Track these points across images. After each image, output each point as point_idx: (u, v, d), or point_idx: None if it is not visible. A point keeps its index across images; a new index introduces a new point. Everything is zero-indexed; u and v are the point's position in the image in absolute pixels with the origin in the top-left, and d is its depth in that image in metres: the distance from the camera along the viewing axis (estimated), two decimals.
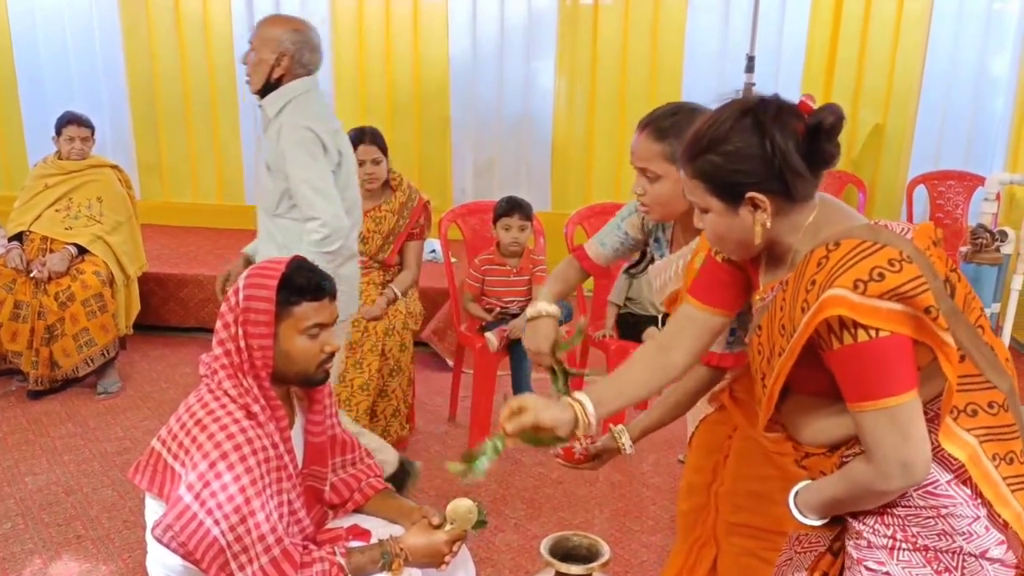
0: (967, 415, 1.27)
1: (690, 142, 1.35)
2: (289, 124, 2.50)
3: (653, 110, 1.85)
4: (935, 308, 1.18)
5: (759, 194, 1.29)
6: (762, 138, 1.27)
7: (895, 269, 1.18)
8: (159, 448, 1.71)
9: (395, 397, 3.35)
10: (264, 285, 1.68)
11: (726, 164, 1.30)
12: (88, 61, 5.91)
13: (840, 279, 1.19)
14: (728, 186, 1.31)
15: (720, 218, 1.35)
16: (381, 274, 3.51)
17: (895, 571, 1.29)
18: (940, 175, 5.13)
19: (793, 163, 1.27)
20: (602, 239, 2.14)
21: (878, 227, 1.27)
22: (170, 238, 5.49)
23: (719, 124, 1.31)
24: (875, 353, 1.19)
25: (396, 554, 1.75)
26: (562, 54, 5.50)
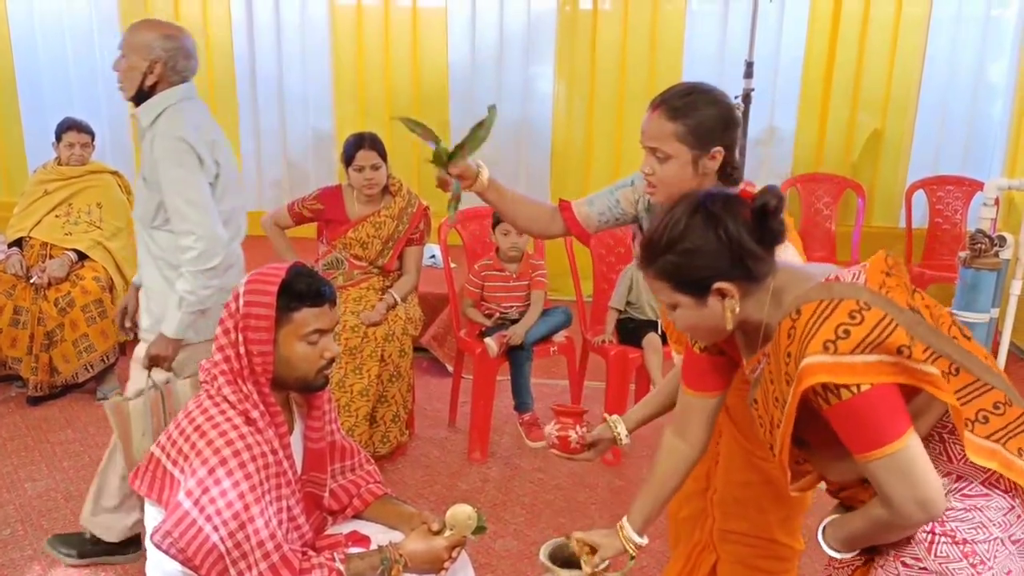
0: (980, 423, 1.32)
1: (647, 246, 1.41)
2: (162, 134, 2.42)
3: (666, 89, 1.83)
4: (906, 347, 1.23)
5: (724, 283, 1.35)
6: (715, 231, 1.34)
7: (857, 321, 1.24)
8: (159, 454, 1.71)
9: (395, 402, 3.35)
10: (264, 291, 1.69)
11: (687, 262, 1.36)
12: (88, 67, 5.91)
13: (810, 346, 1.25)
14: (693, 282, 1.37)
15: (690, 311, 1.41)
16: (381, 279, 3.51)
17: (931, 566, 1.33)
18: (939, 180, 5.14)
19: (749, 248, 1.34)
20: (591, 199, 2.10)
21: (831, 283, 1.32)
22: None
23: (673, 225, 1.37)
24: (863, 407, 1.24)
25: (395, 560, 1.75)
26: (561, 60, 5.51)
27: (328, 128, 5.79)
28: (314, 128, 5.85)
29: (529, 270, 3.61)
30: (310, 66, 5.74)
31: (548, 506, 3.11)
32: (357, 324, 3.31)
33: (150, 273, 2.53)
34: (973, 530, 1.33)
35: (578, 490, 3.23)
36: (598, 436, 1.94)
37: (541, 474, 3.34)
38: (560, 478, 3.30)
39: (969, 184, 5.05)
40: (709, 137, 1.77)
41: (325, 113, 5.79)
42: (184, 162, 2.39)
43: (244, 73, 5.77)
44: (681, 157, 1.77)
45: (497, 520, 2.98)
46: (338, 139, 5.51)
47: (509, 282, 3.60)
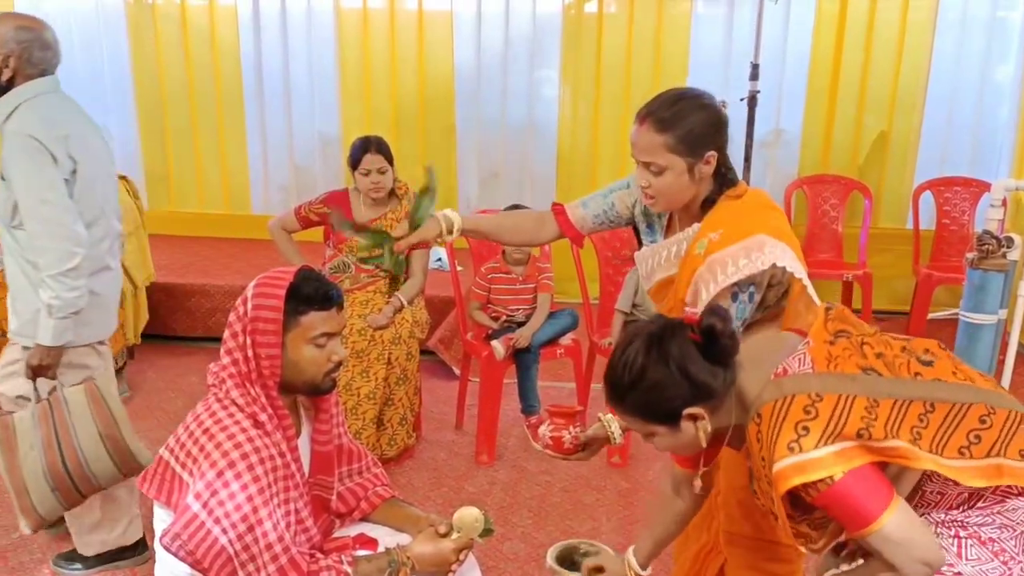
0: (974, 444, 1.33)
1: (612, 386, 1.48)
2: (11, 132, 2.32)
3: (651, 99, 1.81)
4: (864, 429, 1.29)
5: (693, 408, 1.42)
6: (670, 366, 1.40)
7: (812, 416, 1.30)
8: (167, 457, 1.72)
9: (401, 405, 3.35)
10: (272, 295, 1.69)
11: (653, 397, 1.43)
12: (95, 72, 5.93)
13: (776, 452, 1.31)
14: (663, 413, 1.44)
15: (667, 438, 1.48)
16: (387, 283, 3.52)
17: (966, 570, 1.34)
18: (946, 181, 5.12)
19: (704, 374, 1.40)
20: (585, 201, 2.07)
21: (780, 380, 1.38)
22: (177, 248, 5.51)
23: (631, 365, 1.44)
24: (843, 493, 1.30)
25: (403, 563, 1.75)
26: (566, 63, 5.52)
27: (334, 132, 5.81)
28: (320, 132, 5.86)
29: (535, 273, 3.61)
30: (316, 70, 5.75)
31: (555, 509, 3.11)
32: (364, 327, 3.31)
33: (13, 272, 2.44)
34: (997, 530, 1.35)
35: (585, 493, 3.23)
36: (592, 435, 1.95)
37: (548, 477, 3.34)
38: (567, 481, 3.30)
39: (976, 185, 5.03)
40: (701, 143, 1.76)
41: (331, 117, 5.80)
42: (35, 160, 2.31)
43: (250, 77, 5.79)
44: (676, 168, 1.76)
45: (504, 523, 2.98)
46: (344, 143, 5.52)
47: (515, 285, 3.60)
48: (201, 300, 4.74)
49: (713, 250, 1.74)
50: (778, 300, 1.90)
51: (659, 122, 1.75)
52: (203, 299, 4.73)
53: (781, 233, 1.77)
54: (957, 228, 5.04)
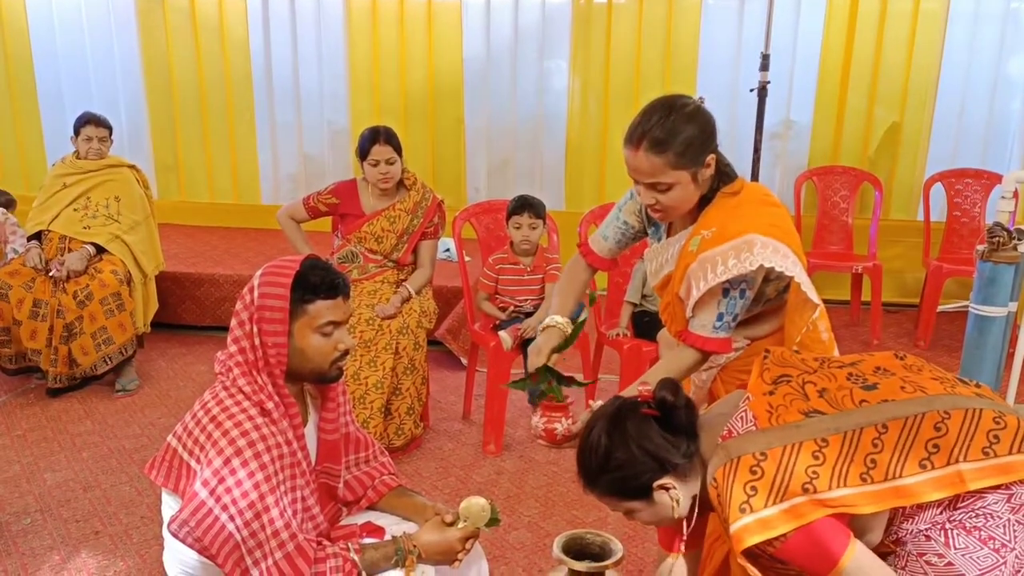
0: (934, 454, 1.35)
1: (584, 471, 1.55)
2: None
3: (637, 121, 1.80)
4: (808, 483, 1.33)
5: (663, 480, 1.46)
6: (632, 446, 1.46)
7: (758, 476, 1.34)
8: (175, 444, 1.73)
9: (409, 395, 3.36)
10: (278, 283, 1.70)
11: (621, 476, 1.48)
12: (106, 62, 5.96)
13: (731, 514, 1.35)
14: (635, 489, 1.49)
15: (645, 512, 1.52)
16: (395, 273, 3.53)
17: (955, 558, 1.35)
18: (957, 173, 5.09)
19: (663, 448, 1.45)
20: (604, 232, 2.13)
21: (727, 442, 1.42)
22: (187, 237, 5.54)
23: (596, 448, 1.51)
24: (799, 545, 1.34)
25: (409, 551, 1.76)
26: (576, 54, 5.50)
27: (343, 123, 5.81)
28: (329, 122, 5.87)
29: (543, 263, 3.61)
30: (325, 61, 5.76)
31: (562, 499, 3.11)
32: (372, 317, 3.32)
33: None
34: (981, 519, 1.36)
35: None
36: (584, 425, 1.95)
37: (555, 467, 3.34)
38: (574, 471, 3.28)
39: (988, 177, 5.00)
40: (700, 151, 1.77)
41: (340, 108, 5.81)
42: None
43: (260, 68, 5.80)
44: (682, 181, 1.78)
45: (511, 512, 2.98)
46: (353, 133, 5.53)
47: (523, 275, 3.60)
48: (210, 289, 4.76)
49: (705, 248, 1.76)
50: (779, 293, 1.90)
51: (656, 143, 1.75)
52: (212, 288, 4.75)
53: (776, 230, 1.77)
54: (968, 220, 5.01)
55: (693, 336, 1.82)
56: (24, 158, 6.12)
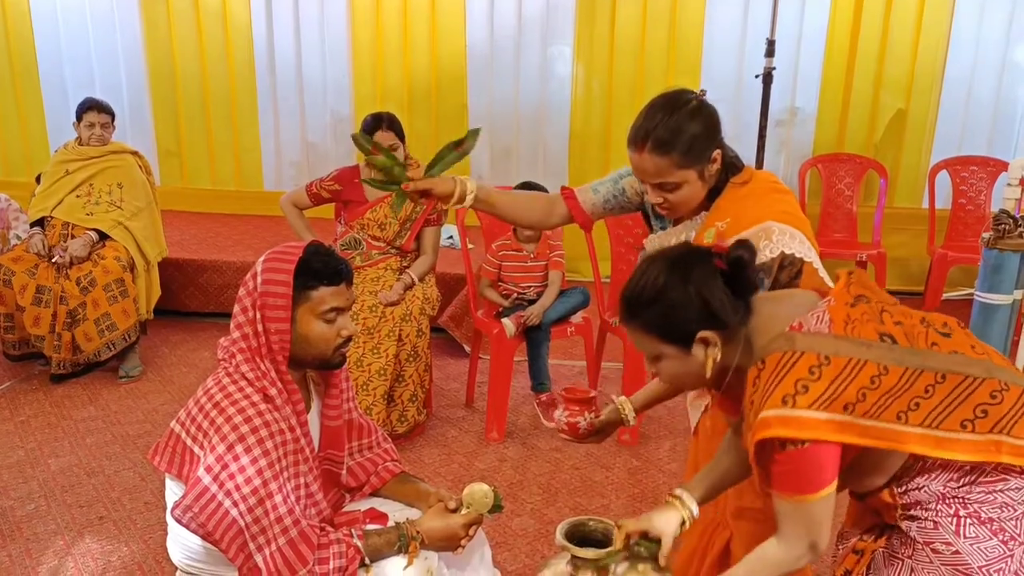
0: (980, 418, 1.33)
1: (629, 302, 1.47)
2: None
3: (639, 122, 1.79)
4: (853, 404, 1.30)
5: (707, 332, 1.41)
6: (692, 287, 1.40)
7: (815, 377, 1.30)
8: (178, 430, 1.73)
9: (412, 382, 3.36)
10: (281, 269, 1.69)
11: (670, 314, 1.42)
12: (108, 48, 5.94)
13: (770, 400, 1.32)
14: (678, 333, 1.43)
15: (675, 361, 1.47)
16: (398, 260, 3.52)
17: (963, 547, 1.34)
18: (963, 161, 5.07)
19: (724, 302, 1.40)
20: (596, 187, 2.08)
21: (794, 333, 1.37)
22: (189, 224, 5.53)
23: (653, 281, 1.44)
24: (801, 460, 1.32)
25: (413, 537, 1.76)
26: (580, 41, 5.47)
27: (346, 110, 5.79)
28: (332, 110, 5.85)
29: (547, 250, 3.60)
30: (328, 47, 5.73)
31: (564, 486, 3.12)
32: (375, 304, 3.32)
33: None
34: (997, 509, 1.34)
35: (595, 470, 3.23)
36: (606, 420, 1.95)
37: (558, 454, 3.34)
38: (577, 458, 3.31)
39: (994, 165, 4.98)
40: (706, 147, 1.75)
41: (343, 95, 5.79)
42: None
43: (263, 54, 5.78)
44: (689, 179, 1.76)
45: (514, 499, 2.99)
46: (356, 121, 5.51)
47: (527, 262, 3.59)
48: (213, 276, 4.75)
49: (721, 239, 1.74)
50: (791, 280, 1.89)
51: (661, 144, 1.73)
52: (215, 275, 4.75)
53: (789, 216, 1.76)
54: (973, 208, 5.00)
55: None
56: (26, 144, 6.11)
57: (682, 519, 1.66)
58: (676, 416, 3.60)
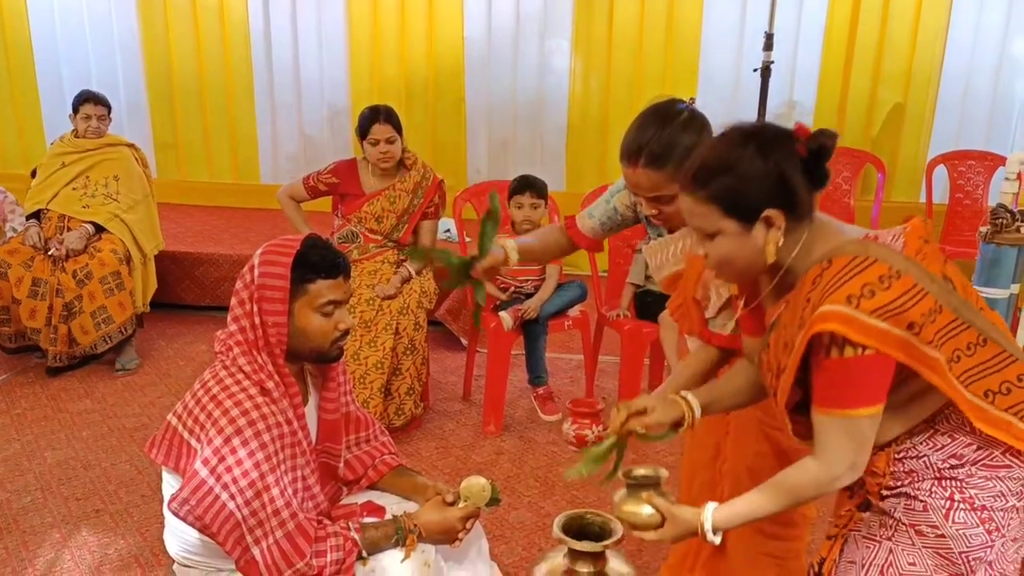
0: (1002, 394, 1.32)
1: (698, 169, 1.39)
2: None
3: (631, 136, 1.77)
4: (917, 324, 1.24)
5: (775, 211, 1.34)
6: (769, 161, 1.33)
7: (885, 286, 1.24)
8: (175, 423, 1.73)
9: (409, 375, 3.36)
10: (278, 262, 1.69)
11: (741, 185, 1.35)
12: (105, 40, 5.93)
13: (833, 296, 1.25)
14: (744, 207, 1.36)
15: (732, 240, 1.38)
16: (396, 253, 3.51)
17: (949, 531, 1.33)
18: (960, 155, 5.07)
19: (799, 185, 1.34)
20: (591, 211, 2.11)
21: (868, 241, 1.33)
22: (186, 217, 5.52)
23: (726, 150, 1.37)
24: (857, 369, 1.27)
25: (410, 530, 1.76)
26: (578, 34, 5.46)
27: (343, 103, 5.78)
28: (329, 103, 5.84)
29: None
30: (325, 40, 5.72)
31: (561, 479, 3.11)
32: (372, 297, 3.31)
33: None
34: (992, 498, 1.34)
35: None
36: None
37: (555, 447, 3.34)
38: (574, 452, 3.31)
39: (991, 159, 4.98)
40: None
41: (340, 88, 5.77)
42: None
43: (259, 47, 5.76)
44: None
45: (511, 492, 2.99)
46: (353, 114, 5.49)
47: None
48: (209, 269, 4.75)
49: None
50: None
51: (654, 159, 1.72)
52: (211, 268, 4.74)
53: None
54: (971, 202, 5.00)
55: (718, 337, 1.80)
56: (23, 137, 6.09)
57: (683, 414, 1.63)
58: None
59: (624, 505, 1.59)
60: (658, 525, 1.54)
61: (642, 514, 1.56)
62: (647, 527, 1.55)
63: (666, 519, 1.53)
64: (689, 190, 1.40)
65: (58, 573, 2.52)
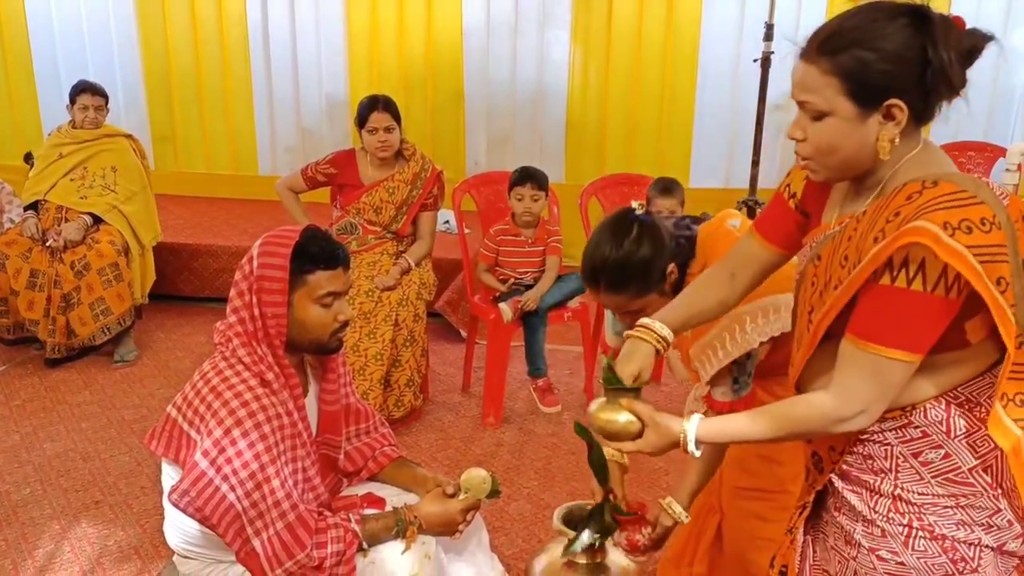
0: (1016, 405, 1.19)
1: (830, 34, 1.21)
2: None
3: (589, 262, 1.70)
4: (1006, 280, 1.12)
5: (901, 102, 1.18)
6: (923, 43, 1.16)
7: (985, 229, 1.11)
8: (175, 415, 1.72)
9: (408, 367, 3.35)
10: (278, 253, 1.68)
11: (877, 63, 1.17)
12: (102, 31, 5.90)
13: (928, 217, 1.11)
14: (871, 88, 1.18)
15: (843, 125, 1.21)
16: (395, 244, 3.51)
17: (910, 560, 1.25)
18: (960, 146, 5.04)
19: (951, 76, 1.17)
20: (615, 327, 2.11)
21: (981, 182, 1.18)
22: (184, 208, 5.51)
23: (874, 19, 1.19)
24: (915, 304, 1.14)
25: (410, 522, 1.76)
26: (577, 25, 5.43)
27: (341, 94, 5.76)
28: (327, 94, 5.81)
29: (544, 236, 3.59)
30: (323, 31, 5.69)
31: (561, 471, 3.12)
32: (371, 288, 3.31)
33: None
34: (953, 526, 1.24)
35: None
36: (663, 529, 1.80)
37: (554, 439, 3.34)
38: (573, 443, 3.31)
39: (991, 150, 4.96)
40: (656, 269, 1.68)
41: (338, 79, 5.75)
42: None
43: (257, 39, 5.74)
44: (650, 302, 1.69)
45: (510, 484, 2.99)
46: (351, 105, 5.47)
47: (524, 247, 3.58)
48: (208, 260, 4.74)
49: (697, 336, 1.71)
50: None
51: (613, 284, 1.68)
52: (210, 259, 4.73)
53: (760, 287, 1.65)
54: None
55: (719, 404, 1.77)
56: (20, 128, 6.06)
57: (655, 349, 1.51)
58: (674, 403, 3.60)
59: (600, 412, 1.47)
60: (637, 434, 1.43)
61: (618, 420, 1.44)
62: (624, 435, 1.44)
63: (647, 426, 1.42)
64: (811, 58, 1.22)
65: (58, 564, 2.52)
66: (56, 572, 2.49)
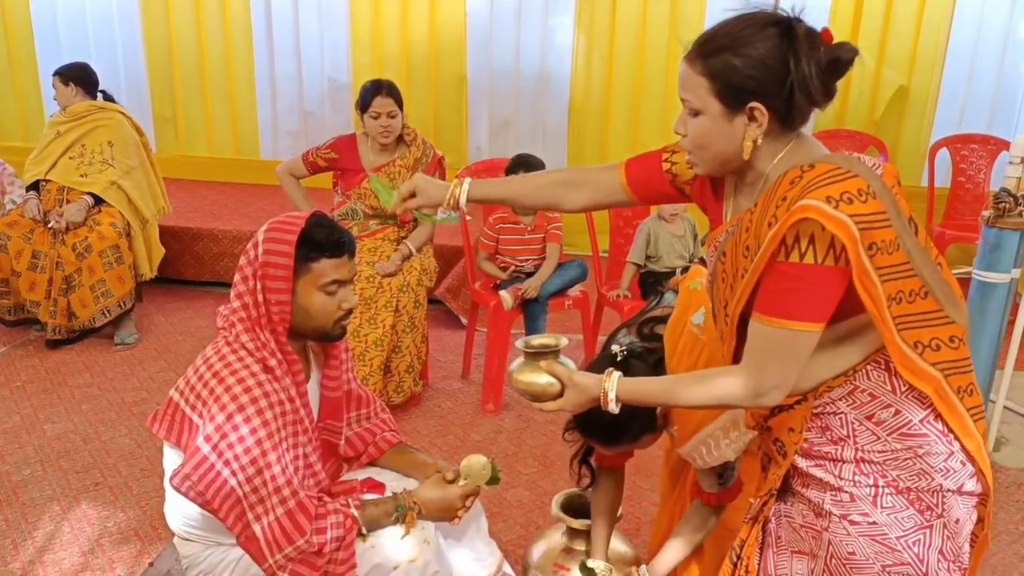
0: (931, 349, 1.28)
1: (708, 38, 1.31)
2: None
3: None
4: (876, 247, 1.21)
5: (762, 106, 1.28)
6: (786, 53, 1.26)
7: (862, 199, 1.20)
8: (177, 398, 1.73)
9: (409, 353, 3.36)
10: (283, 240, 1.68)
11: (743, 68, 1.27)
12: (104, 13, 5.88)
13: (814, 193, 1.20)
14: (736, 91, 1.28)
15: (711, 123, 1.32)
16: (396, 231, 3.50)
17: (880, 518, 1.31)
18: (963, 138, 5.04)
19: (809, 87, 1.26)
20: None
21: (852, 157, 1.27)
22: (185, 192, 5.50)
23: (744, 28, 1.29)
24: (810, 277, 1.22)
25: (410, 507, 1.77)
26: (581, 11, 5.41)
27: (344, 78, 5.74)
28: (330, 78, 5.79)
29: (544, 223, 3.59)
30: (326, 15, 5.67)
31: (560, 458, 3.13)
32: (372, 274, 3.31)
33: None
34: (915, 477, 1.31)
35: None
36: None
37: (553, 426, 3.35)
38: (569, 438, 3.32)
39: (995, 143, 4.96)
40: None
41: (341, 63, 5.73)
42: None
43: (260, 21, 5.71)
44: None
45: (509, 471, 3.00)
46: (354, 90, 5.45)
47: (524, 235, 3.58)
48: (209, 244, 4.73)
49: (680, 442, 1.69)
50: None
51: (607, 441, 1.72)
52: (211, 243, 4.73)
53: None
54: (973, 186, 4.98)
55: (712, 496, 1.78)
56: (23, 111, 6.05)
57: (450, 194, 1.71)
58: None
59: (519, 375, 1.54)
60: (558, 394, 1.50)
61: (538, 382, 1.51)
62: (545, 396, 1.51)
63: (566, 387, 1.48)
64: (691, 59, 1.32)
65: (57, 545, 2.53)
66: (56, 553, 2.50)
